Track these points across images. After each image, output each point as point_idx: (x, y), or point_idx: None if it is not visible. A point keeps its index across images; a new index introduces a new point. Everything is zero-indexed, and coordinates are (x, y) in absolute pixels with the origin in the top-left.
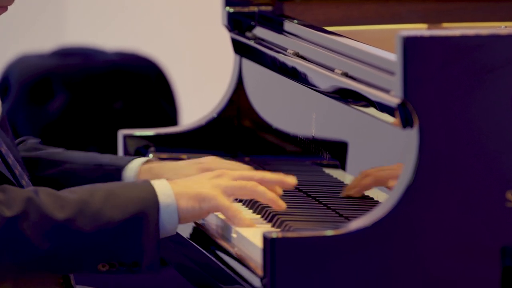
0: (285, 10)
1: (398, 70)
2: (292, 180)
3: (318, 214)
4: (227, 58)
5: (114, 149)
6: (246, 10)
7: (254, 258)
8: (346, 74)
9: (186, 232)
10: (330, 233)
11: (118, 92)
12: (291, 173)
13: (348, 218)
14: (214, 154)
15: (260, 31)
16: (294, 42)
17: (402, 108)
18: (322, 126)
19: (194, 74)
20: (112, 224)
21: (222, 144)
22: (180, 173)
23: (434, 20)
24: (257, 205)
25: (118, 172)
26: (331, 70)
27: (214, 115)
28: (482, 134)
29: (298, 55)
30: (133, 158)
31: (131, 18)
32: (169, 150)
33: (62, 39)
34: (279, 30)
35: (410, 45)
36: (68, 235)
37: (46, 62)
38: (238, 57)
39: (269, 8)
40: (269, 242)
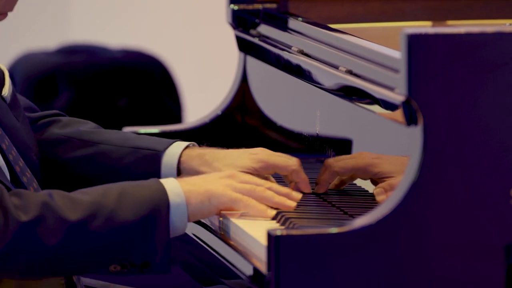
0: (289, 7)
1: (403, 67)
2: (291, 204)
3: (323, 212)
4: (232, 55)
5: None
6: (250, 7)
7: (259, 255)
8: (350, 72)
9: (190, 229)
10: (334, 230)
11: (123, 89)
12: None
13: (352, 216)
14: None
15: (264, 29)
16: (299, 39)
17: (407, 105)
18: (327, 124)
19: (198, 71)
20: (125, 225)
21: (226, 141)
22: (233, 163)
23: (438, 17)
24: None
25: (156, 156)
26: (336, 67)
27: (219, 113)
28: (486, 132)
29: (302, 53)
30: (171, 142)
31: (136, 15)
32: None
33: (67, 37)
34: (284, 27)
35: (415, 42)
36: (83, 237)
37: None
38: (242, 54)
39: (273, 5)
40: (273, 240)
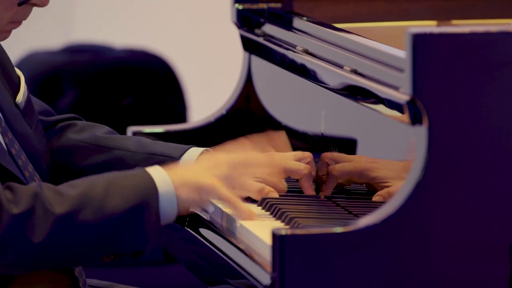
0: (294, 7)
1: (407, 67)
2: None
3: (327, 211)
4: (236, 55)
5: None
6: (255, 7)
7: (263, 255)
8: (355, 71)
9: (193, 228)
10: (339, 230)
11: (127, 89)
12: None
13: (357, 215)
14: None
15: (269, 28)
16: (303, 39)
17: (411, 105)
18: (331, 123)
19: (203, 71)
20: (115, 214)
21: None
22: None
23: (443, 17)
24: (265, 201)
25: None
26: (340, 67)
27: (223, 112)
28: (491, 131)
29: (307, 52)
30: (186, 149)
31: (140, 15)
32: None
33: (72, 36)
34: (288, 27)
35: (420, 42)
36: (70, 229)
37: (55, 59)
38: (247, 54)
39: (278, 5)
40: (278, 239)
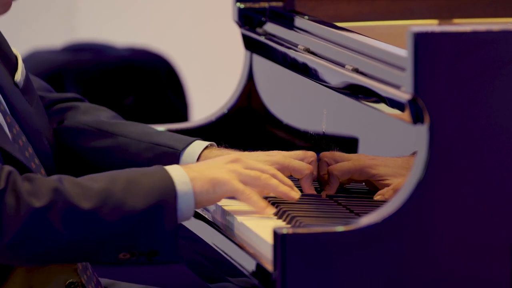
0: (296, 6)
1: (409, 66)
2: (295, 195)
3: (329, 210)
4: (238, 54)
5: None
6: (256, 6)
7: (265, 254)
8: (356, 70)
9: (195, 227)
10: (340, 229)
11: (129, 87)
12: None
13: (358, 214)
14: None
15: (270, 27)
16: (305, 38)
17: (413, 104)
18: (333, 122)
19: (204, 70)
20: (133, 214)
21: (232, 139)
22: None
23: (445, 15)
24: (267, 200)
25: (175, 155)
26: (342, 66)
27: (225, 111)
28: (492, 130)
29: (308, 51)
30: (190, 141)
31: (142, 14)
32: None
33: (74, 35)
34: (290, 26)
35: (421, 41)
36: (93, 225)
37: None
38: (248, 53)
39: (279, 4)
40: (279, 238)
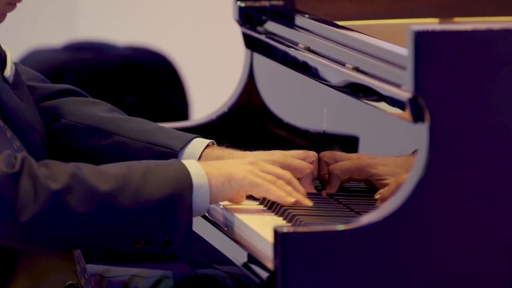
0: (296, 4)
1: (410, 64)
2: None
3: (329, 209)
4: (238, 52)
5: None
6: (257, 4)
7: (265, 252)
8: (357, 69)
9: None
10: (341, 227)
11: (130, 86)
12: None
13: (359, 213)
14: None
15: (271, 26)
16: (306, 36)
17: (413, 102)
18: (333, 121)
19: (205, 68)
20: (150, 202)
21: (233, 138)
22: None
23: (445, 14)
24: (267, 199)
25: (173, 155)
26: (342, 64)
27: (226, 110)
28: (493, 129)
29: (309, 50)
30: (189, 139)
31: (143, 12)
32: None
33: (74, 34)
34: (291, 24)
35: (422, 39)
36: (110, 207)
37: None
38: (249, 51)
39: (280, 2)
40: (280, 236)
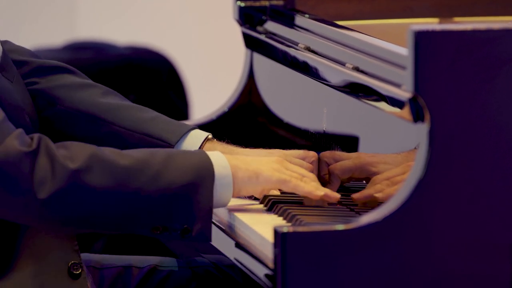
0: (296, 4)
1: (410, 64)
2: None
3: (329, 209)
4: (238, 52)
5: None
6: (257, 4)
7: (265, 252)
8: (357, 69)
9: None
10: (341, 227)
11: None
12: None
13: (359, 213)
14: None
15: (271, 26)
16: (306, 36)
17: (413, 102)
18: (333, 121)
19: (205, 68)
20: (169, 187)
21: (233, 138)
22: None
23: (445, 14)
24: (267, 199)
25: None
26: (342, 64)
27: (225, 110)
28: (492, 128)
29: (309, 50)
30: (185, 131)
31: (143, 12)
32: None
33: (74, 34)
34: (291, 24)
35: (422, 39)
36: (128, 190)
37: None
38: (249, 51)
39: (280, 2)
40: (280, 236)
